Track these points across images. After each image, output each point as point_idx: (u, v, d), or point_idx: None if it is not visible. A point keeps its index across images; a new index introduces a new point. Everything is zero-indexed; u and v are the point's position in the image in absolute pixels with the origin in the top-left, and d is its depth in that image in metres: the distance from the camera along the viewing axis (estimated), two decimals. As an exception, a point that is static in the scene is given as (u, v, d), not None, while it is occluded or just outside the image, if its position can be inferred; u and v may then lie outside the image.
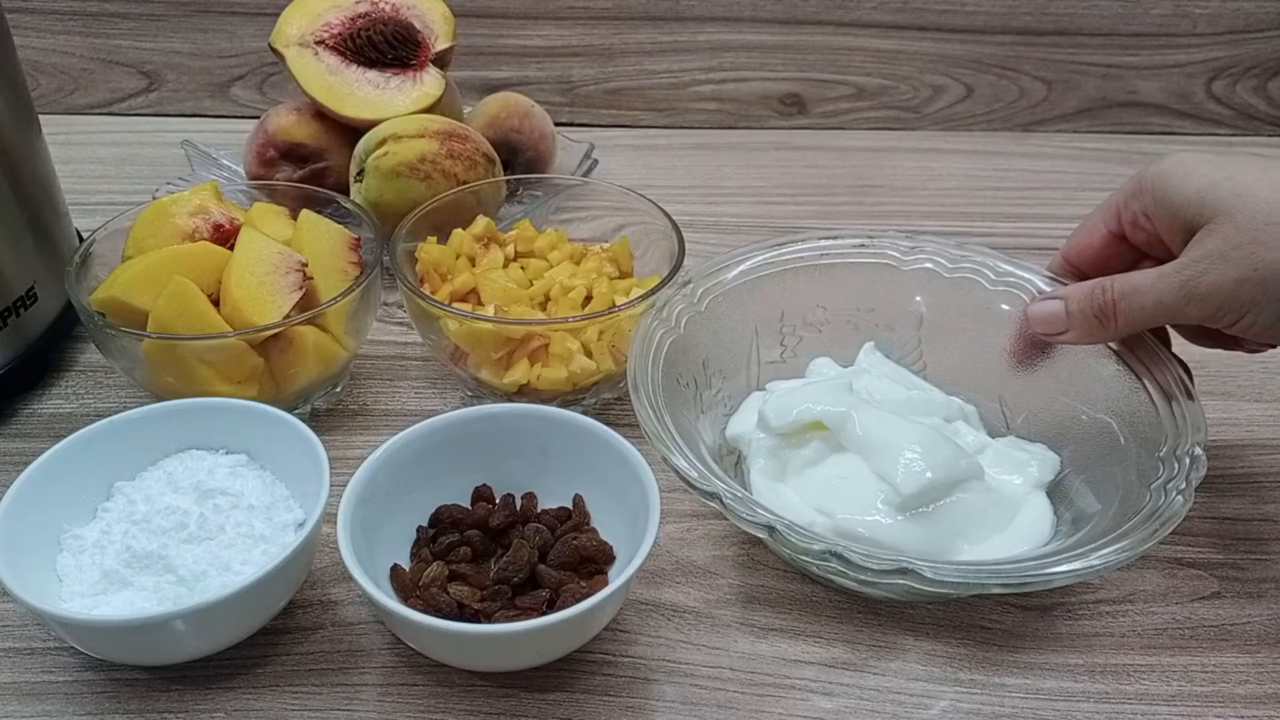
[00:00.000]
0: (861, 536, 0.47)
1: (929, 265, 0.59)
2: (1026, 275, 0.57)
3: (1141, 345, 0.52)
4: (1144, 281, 0.47)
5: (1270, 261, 0.43)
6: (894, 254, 0.59)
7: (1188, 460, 0.46)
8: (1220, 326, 0.46)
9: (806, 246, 0.60)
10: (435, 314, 0.57)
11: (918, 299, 0.59)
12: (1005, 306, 0.57)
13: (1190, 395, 0.50)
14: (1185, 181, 0.46)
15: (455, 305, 0.59)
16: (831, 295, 0.60)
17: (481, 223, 0.64)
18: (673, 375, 0.53)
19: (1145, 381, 0.51)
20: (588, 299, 0.60)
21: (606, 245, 0.65)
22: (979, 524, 0.49)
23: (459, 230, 0.64)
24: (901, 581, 0.43)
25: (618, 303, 0.59)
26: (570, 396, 0.59)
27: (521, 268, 0.63)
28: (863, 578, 0.45)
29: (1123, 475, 0.49)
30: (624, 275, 0.64)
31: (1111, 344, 0.53)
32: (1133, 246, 0.51)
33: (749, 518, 0.44)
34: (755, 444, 0.53)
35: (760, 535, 0.45)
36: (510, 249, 0.64)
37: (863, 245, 0.60)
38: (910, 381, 0.57)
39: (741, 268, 0.59)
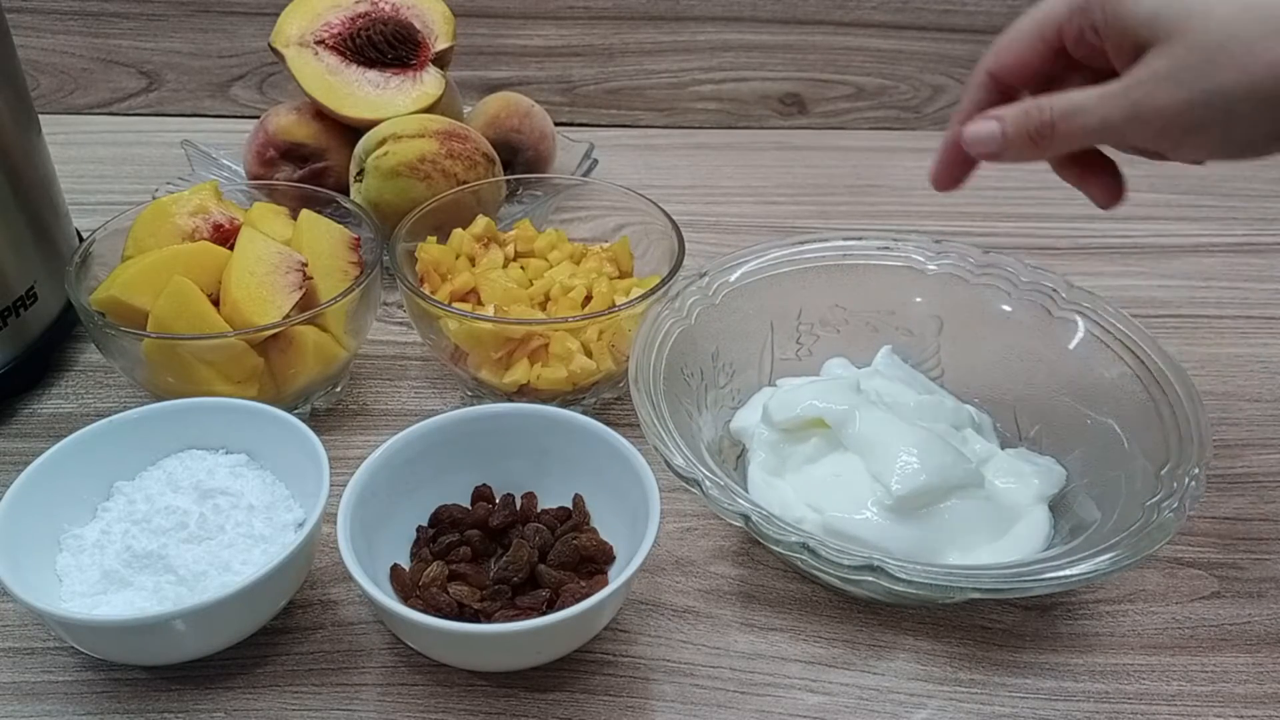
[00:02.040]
0: (848, 534, 0.47)
1: (953, 271, 0.59)
2: (1050, 285, 0.56)
3: (1157, 364, 0.51)
4: (1087, 101, 0.44)
5: (1222, 84, 0.40)
6: (918, 258, 0.59)
7: (1187, 480, 0.46)
8: (1160, 150, 0.44)
9: (829, 246, 0.59)
10: (435, 314, 0.57)
11: (939, 304, 0.59)
12: (1026, 318, 0.56)
13: (1200, 418, 0.49)
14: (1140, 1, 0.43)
15: (455, 305, 0.59)
16: (851, 296, 0.59)
17: (481, 223, 0.64)
18: (678, 364, 0.53)
19: (1157, 399, 0.50)
20: (588, 299, 0.60)
21: (606, 245, 0.65)
22: (972, 532, 0.49)
23: (459, 230, 0.64)
24: (871, 579, 0.43)
25: (618, 303, 0.59)
26: (570, 396, 0.59)
27: (521, 268, 0.63)
28: (833, 573, 0.45)
29: (1126, 485, 0.49)
30: (624, 275, 0.64)
31: (1129, 360, 0.52)
32: (1067, 59, 0.48)
33: (728, 506, 0.45)
34: (757, 438, 0.53)
35: (736, 523, 0.45)
36: (510, 249, 0.64)
37: (886, 248, 0.59)
38: (923, 386, 0.57)
39: (759, 263, 0.59)
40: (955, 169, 0.51)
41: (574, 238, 0.66)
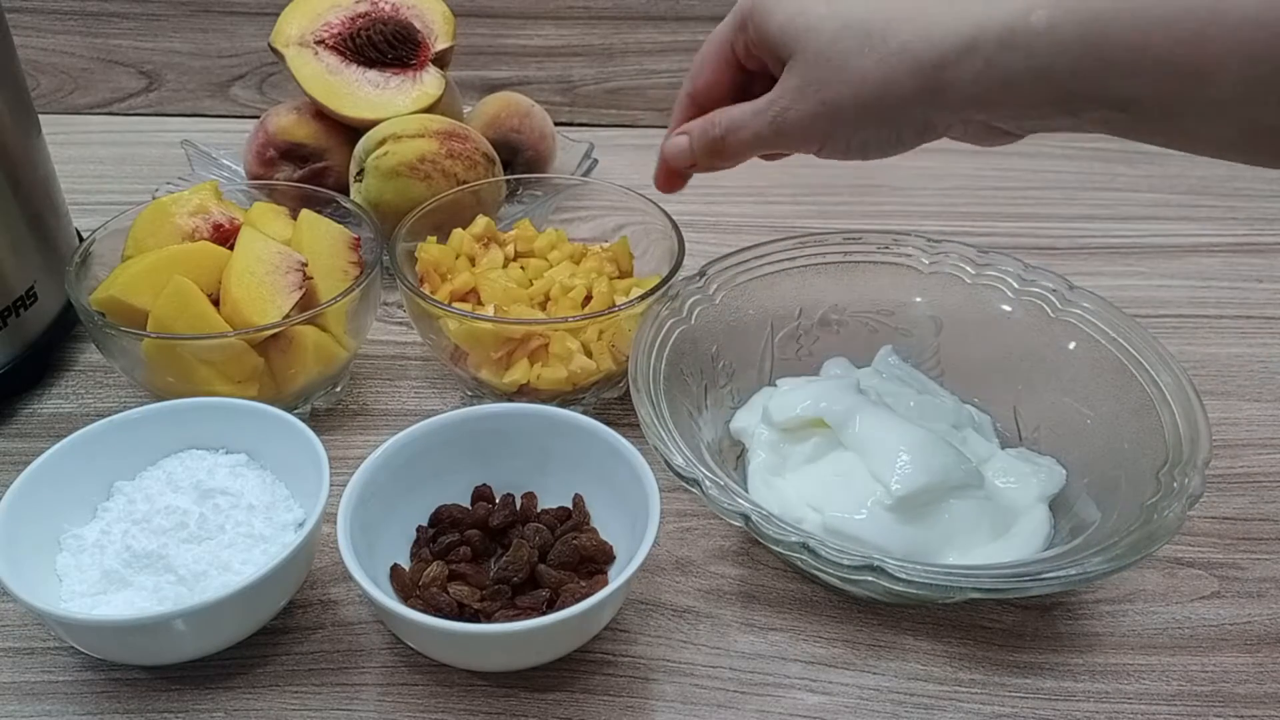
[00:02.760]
0: (848, 534, 0.47)
1: (951, 272, 0.59)
2: (1050, 286, 0.56)
3: (1157, 365, 0.51)
4: (743, 117, 0.48)
5: (833, 98, 0.44)
6: (918, 258, 0.59)
7: (1187, 480, 0.46)
8: (810, 153, 0.48)
9: (829, 246, 0.60)
10: (435, 314, 0.57)
11: (938, 304, 0.59)
12: (1026, 317, 0.56)
13: (1200, 418, 0.49)
14: (772, 17, 0.46)
15: (455, 305, 0.59)
16: (851, 296, 0.60)
17: (481, 223, 0.64)
18: (677, 364, 0.53)
19: (1156, 398, 0.50)
20: (588, 299, 0.60)
21: (606, 245, 0.65)
22: (972, 532, 0.49)
23: (459, 230, 0.64)
24: (871, 579, 0.43)
25: (618, 303, 0.59)
26: (570, 396, 0.59)
27: (521, 267, 0.63)
28: (833, 573, 0.45)
29: (1126, 485, 0.48)
30: (624, 275, 0.64)
31: (1128, 361, 0.52)
32: (754, 72, 0.51)
33: (728, 506, 0.45)
34: (757, 438, 0.53)
35: (736, 523, 0.45)
36: (510, 249, 0.64)
37: (886, 248, 0.60)
38: (923, 386, 0.57)
39: (759, 263, 0.59)
40: (673, 177, 0.55)
41: (574, 238, 0.66)
